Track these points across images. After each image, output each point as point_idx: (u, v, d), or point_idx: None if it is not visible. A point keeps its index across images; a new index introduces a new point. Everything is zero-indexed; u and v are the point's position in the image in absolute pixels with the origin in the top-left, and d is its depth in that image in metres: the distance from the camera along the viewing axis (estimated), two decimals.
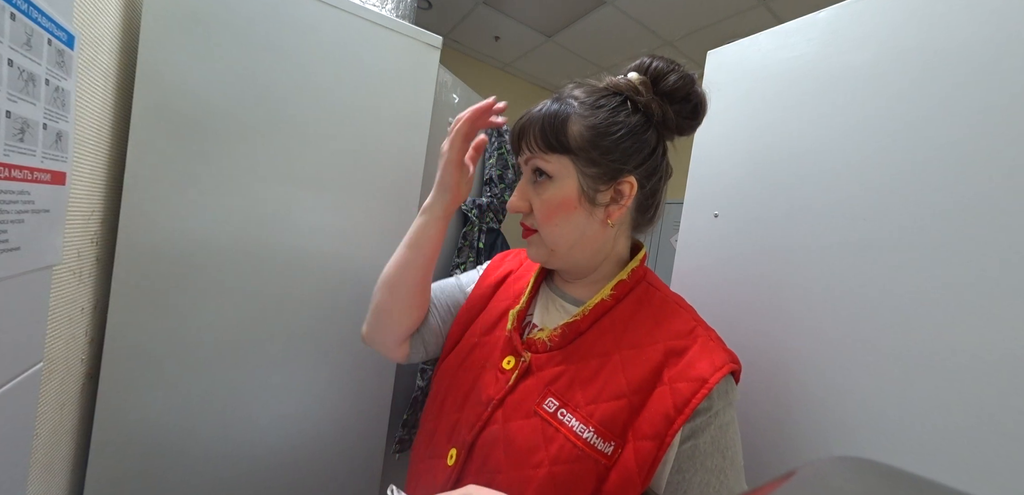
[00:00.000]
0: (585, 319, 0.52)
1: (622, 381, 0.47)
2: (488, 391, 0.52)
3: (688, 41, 2.38)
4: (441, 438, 0.55)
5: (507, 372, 0.52)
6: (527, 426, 0.47)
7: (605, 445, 0.44)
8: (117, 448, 0.73)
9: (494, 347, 0.56)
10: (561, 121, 0.50)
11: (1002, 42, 0.44)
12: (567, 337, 0.52)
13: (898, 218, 0.50)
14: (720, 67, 0.75)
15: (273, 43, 0.77)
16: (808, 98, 0.61)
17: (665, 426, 0.43)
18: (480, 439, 0.50)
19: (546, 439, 0.46)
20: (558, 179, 0.51)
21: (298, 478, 0.88)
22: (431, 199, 0.61)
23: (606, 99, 0.51)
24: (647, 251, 0.58)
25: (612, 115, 0.50)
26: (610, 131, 0.50)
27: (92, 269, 0.69)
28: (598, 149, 0.49)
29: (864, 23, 0.56)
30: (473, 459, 0.50)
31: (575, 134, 0.50)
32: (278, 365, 0.84)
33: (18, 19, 0.43)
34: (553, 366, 0.50)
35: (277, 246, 0.81)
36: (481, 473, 0.48)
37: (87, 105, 0.62)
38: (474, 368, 0.56)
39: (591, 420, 0.45)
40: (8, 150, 0.44)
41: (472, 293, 0.66)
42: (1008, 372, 0.42)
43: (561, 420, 0.46)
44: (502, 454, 0.47)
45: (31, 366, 0.54)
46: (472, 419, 0.52)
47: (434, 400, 0.60)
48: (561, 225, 0.52)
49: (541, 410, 0.48)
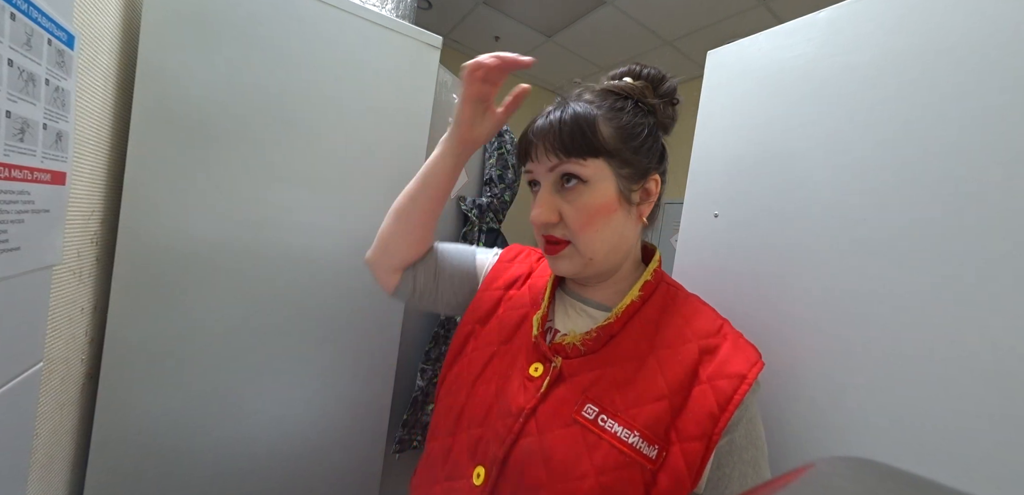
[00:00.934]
0: (618, 321, 0.50)
1: (661, 382, 0.46)
2: (517, 401, 0.49)
3: (688, 41, 2.38)
4: (461, 456, 0.52)
5: (536, 380, 0.50)
6: (567, 436, 0.45)
7: (650, 449, 0.43)
8: (117, 448, 0.73)
9: (517, 354, 0.54)
10: (590, 123, 0.49)
11: (1002, 41, 0.44)
12: (601, 340, 0.50)
13: (898, 218, 0.50)
14: (720, 67, 0.75)
15: (273, 43, 0.77)
16: (808, 98, 0.61)
17: (711, 425, 0.42)
18: (513, 454, 0.47)
19: (589, 448, 0.44)
20: (594, 183, 0.49)
21: (298, 478, 0.88)
22: (446, 133, 0.61)
23: (621, 101, 0.52)
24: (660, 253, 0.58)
25: (633, 116, 0.51)
26: (636, 131, 0.50)
27: (92, 269, 0.69)
28: (629, 148, 0.50)
29: (864, 23, 0.56)
30: (506, 476, 0.47)
31: (607, 136, 0.49)
32: (278, 365, 0.84)
33: (18, 19, 0.43)
34: (588, 371, 0.48)
35: (277, 246, 0.81)
36: (518, 491, 0.45)
37: (87, 105, 0.62)
38: (495, 379, 0.53)
39: (635, 424, 0.44)
40: (8, 150, 0.44)
41: (481, 289, 0.64)
42: (1008, 372, 0.42)
43: (603, 427, 0.45)
44: (541, 469, 0.44)
45: (31, 366, 0.54)
46: (502, 432, 0.48)
47: (447, 415, 0.56)
48: (601, 230, 0.50)
49: (581, 418, 0.46)
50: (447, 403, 0.57)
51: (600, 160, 0.49)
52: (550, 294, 0.58)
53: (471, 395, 0.54)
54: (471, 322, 0.61)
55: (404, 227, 0.64)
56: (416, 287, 0.66)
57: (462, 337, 0.61)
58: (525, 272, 0.64)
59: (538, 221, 0.51)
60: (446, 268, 0.66)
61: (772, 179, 0.64)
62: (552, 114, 0.51)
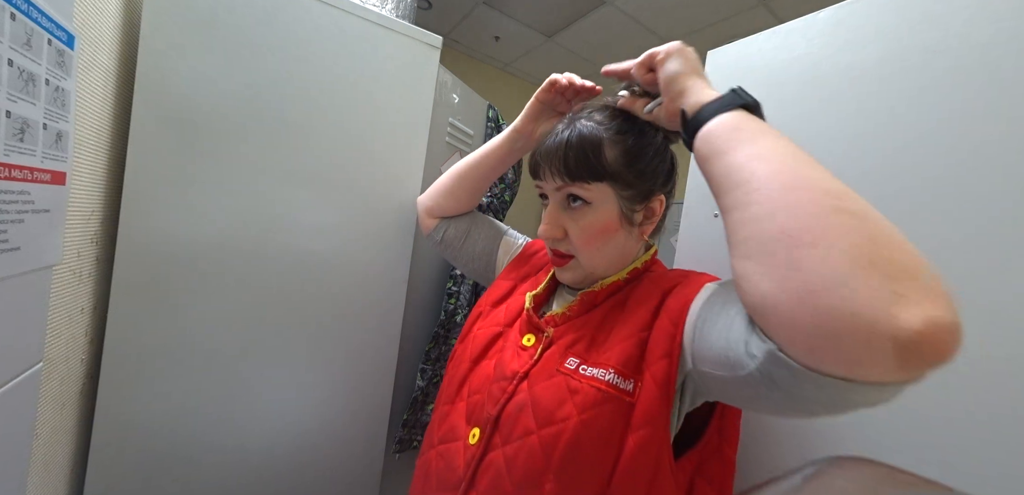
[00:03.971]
0: (602, 292, 0.55)
1: (631, 324, 0.49)
2: (512, 366, 0.53)
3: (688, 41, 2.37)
4: (458, 421, 0.56)
5: (529, 349, 0.54)
6: (551, 385, 0.49)
7: (626, 383, 0.46)
8: (117, 448, 0.73)
9: (514, 330, 0.58)
10: (595, 146, 0.51)
11: (1001, 41, 0.44)
12: (584, 306, 0.55)
13: (897, 217, 0.50)
14: (720, 67, 0.75)
15: (273, 43, 0.77)
16: (808, 98, 0.61)
17: (669, 342, 0.45)
18: (505, 411, 0.50)
19: (571, 392, 0.47)
20: (597, 205, 0.52)
21: (298, 478, 0.88)
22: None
23: (629, 121, 0.53)
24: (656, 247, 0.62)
25: (640, 138, 0.53)
26: (643, 154, 0.52)
27: (92, 269, 0.69)
28: (633, 171, 0.52)
29: (863, 23, 0.56)
30: (499, 431, 0.50)
31: (611, 159, 0.51)
32: (278, 365, 0.84)
33: (18, 19, 0.43)
34: (572, 333, 0.53)
35: (277, 246, 0.81)
36: (509, 442, 0.49)
37: (87, 105, 0.62)
38: (496, 355, 0.58)
39: (610, 363, 0.47)
40: (8, 150, 0.44)
41: (501, 275, 0.70)
42: (1009, 371, 0.42)
43: (583, 374, 0.48)
44: (530, 417, 0.48)
45: (31, 366, 0.54)
46: (496, 394, 0.52)
47: (449, 386, 0.61)
48: (602, 248, 0.54)
49: (564, 369, 0.49)
50: (451, 374, 0.62)
51: (603, 183, 0.52)
52: (549, 284, 0.62)
53: (474, 368, 0.58)
54: (485, 303, 0.66)
55: (454, 186, 0.75)
56: (445, 237, 0.78)
57: (474, 316, 0.66)
58: (538, 267, 0.68)
59: (545, 237, 0.56)
60: (474, 234, 0.76)
61: None
62: (560, 135, 0.53)
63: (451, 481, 0.52)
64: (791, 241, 0.31)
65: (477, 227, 0.77)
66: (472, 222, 0.77)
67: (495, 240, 0.76)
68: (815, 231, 0.30)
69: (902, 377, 0.27)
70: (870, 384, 0.28)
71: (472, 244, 0.76)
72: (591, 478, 0.44)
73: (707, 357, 0.40)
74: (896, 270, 0.28)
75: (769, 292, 0.31)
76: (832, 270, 0.28)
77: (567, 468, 0.45)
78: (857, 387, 0.28)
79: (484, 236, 0.76)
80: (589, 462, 0.45)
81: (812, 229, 0.30)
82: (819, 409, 0.32)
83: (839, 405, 0.31)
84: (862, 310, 0.27)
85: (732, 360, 0.36)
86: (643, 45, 0.51)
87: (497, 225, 0.78)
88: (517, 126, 0.67)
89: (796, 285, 0.29)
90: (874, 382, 0.28)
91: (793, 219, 0.31)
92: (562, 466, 0.45)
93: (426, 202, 0.80)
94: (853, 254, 0.28)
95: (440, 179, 0.78)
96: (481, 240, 0.76)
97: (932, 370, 0.27)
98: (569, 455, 0.45)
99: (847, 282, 0.28)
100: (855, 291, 0.27)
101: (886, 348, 0.26)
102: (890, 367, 0.27)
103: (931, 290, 0.27)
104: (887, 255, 0.28)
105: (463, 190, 0.75)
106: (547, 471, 0.45)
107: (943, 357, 0.27)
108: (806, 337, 0.29)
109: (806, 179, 0.33)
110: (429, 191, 0.80)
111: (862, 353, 0.27)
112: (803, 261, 0.30)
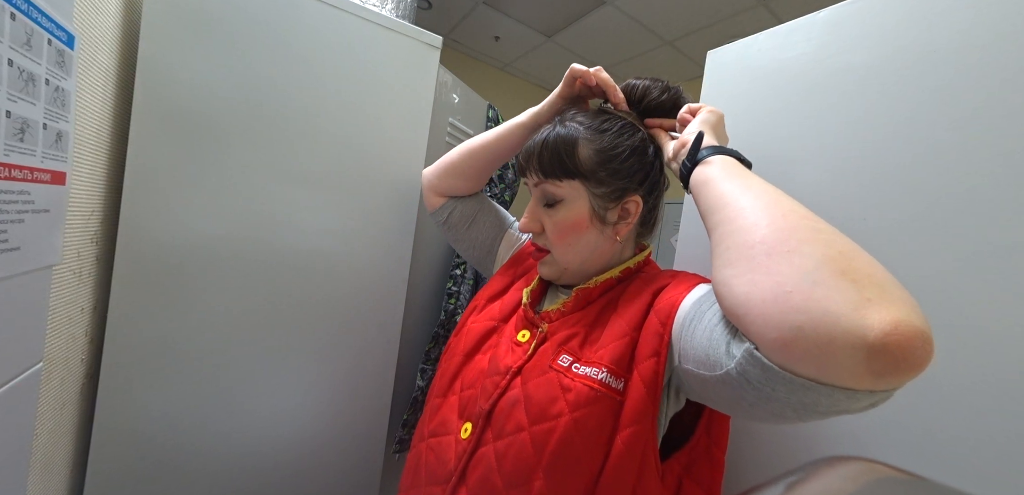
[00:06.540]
0: (596, 289, 0.56)
1: (623, 324, 0.50)
2: (505, 361, 0.54)
3: (688, 41, 2.38)
4: (450, 414, 0.56)
5: (524, 344, 0.55)
6: (544, 381, 0.49)
7: (618, 382, 0.46)
8: (117, 448, 0.73)
9: (510, 327, 0.59)
10: (569, 145, 0.53)
11: (1001, 40, 0.44)
12: (579, 302, 0.55)
13: (897, 217, 0.50)
14: (720, 67, 0.75)
15: (273, 43, 0.77)
16: (808, 98, 0.61)
17: (658, 340, 0.46)
18: (498, 406, 0.51)
19: (564, 390, 0.47)
20: (569, 201, 0.54)
21: (298, 478, 0.88)
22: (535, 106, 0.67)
23: (609, 121, 0.55)
24: (651, 249, 0.63)
25: (616, 137, 0.54)
26: (616, 153, 0.53)
27: (92, 269, 0.69)
28: (606, 170, 0.53)
29: (863, 23, 0.56)
30: (491, 426, 0.50)
31: (584, 157, 0.53)
32: (278, 365, 0.84)
33: (18, 19, 0.43)
34: (565, 329, 0.53)
35: (277, 246, 0.81)
36: (501, 437, 0.49)
37: (87, 105, 0.62)
38: (490, 349, 0.58)
39: (602, 362, 0.48)
40: (8, 150, 0.44)
41: (500, 270, 0.70)
42: (1008, 371, 0.42)
43: (575, 372, 0.48)
44: (523, 413, 0.49)
45: (31, 366, 0.54)
46: (489, 389, 0.52)
47: (441, 379, 0.61)
48: (574, 245, 0.55)
49: (556, 365, 0.50)
50: (443, 367, 0.62)
51: (576, 181, 0.54)
52: (540, 278, 0.63)
53: (467, 362, 0.59)
54: (481, 298, 0.67)
55: (465, 164, 0.73)
56: (450, 219, 0.76)
57: (469, 310, 0.66)
58: (535, 265, 0.68)
59: (523, 230, 0.59)
60: (481, 221, 0.75)
61: (772, 178, 0.64)
62: (542, 134, 0.56)
63: (442, 475, 0.52)
64: (770, 249, 0.33)
65: (484, 213, 0.76)
66: (479, 207, 0.76)
67: (499, 232, 0.76)
68: (791, 243, 0.33)
69: (873, 383, 0.28)
70: (841, 388, 0.29)
71: (477, 231, 0.76)
72: (580, 476, 0.45)
73: (691, 356, 0.41)
74: (866, 280, 0.30)
75: (746, 293, 0.33)
76: (806, 274, 0.31)
77: (557, 465, 0.45)
78: (828, 390, 0.29)
79: (489, 224, 0.76)
80: (579, 460, 0.45)
81: (789, 241, 0.33)
82: (790, 413, 0.32)
83: (810, 409, 0.31)
84: (833, 308, 0.29)
85: (713, 359, 0.37)
86: (643, 45, 0.52)
87: (503, 216, 0.78)
88: (541, 112, 0.65)
89: (771, 285, 0.32)
90: (845, 387, 0.29)
91: (773, 233, 0.34)
92: (552, 463, 0.45)
93: (432, 179, 0.77)
94: (827, 264, 0.31)
95: (449, 154, 0.75)
96: (486, 228, 0.76)
97: (904, 378, 0.28)
98: (560, 452, 0.45)
99: (819, 284, 0.30)
100: (827, 293, 0.29)
101: (855, 347, 0.27)
102: (860, 369, 0.28)
103: (899, 298, 0.29)
104: (859, 266, 0.31)
105: (474, 169, 0.73)
106: (537, 468, 0.46)
107: (912, 362, 0.27)
108: (779, 333, 0.30)
109: (788, 205, 0.37)
110: (436, 167, 0.77)
111: (832, 352, 0.28)
112: (780, 266, 0.32)
